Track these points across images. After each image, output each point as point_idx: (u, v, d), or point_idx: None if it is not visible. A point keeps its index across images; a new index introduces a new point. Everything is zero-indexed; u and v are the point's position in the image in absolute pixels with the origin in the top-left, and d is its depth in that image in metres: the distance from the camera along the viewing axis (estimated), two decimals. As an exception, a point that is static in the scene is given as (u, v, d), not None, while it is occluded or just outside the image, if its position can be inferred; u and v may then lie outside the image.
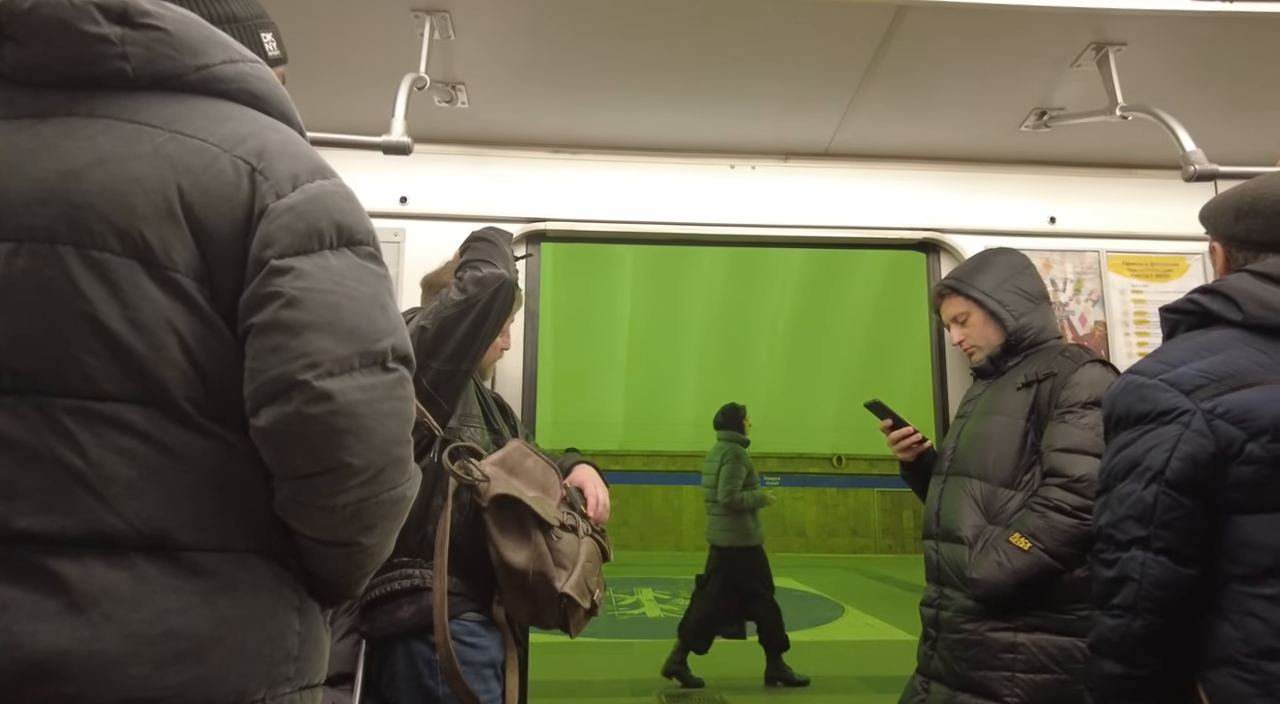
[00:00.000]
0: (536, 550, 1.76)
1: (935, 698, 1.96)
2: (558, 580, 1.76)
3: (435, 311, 1.83)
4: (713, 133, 2.55)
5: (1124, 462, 1.28)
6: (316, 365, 0.89)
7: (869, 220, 2.64)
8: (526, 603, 1.80)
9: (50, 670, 0.81)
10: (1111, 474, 1.30)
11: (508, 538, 1.76)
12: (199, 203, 0.91)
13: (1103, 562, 1.28)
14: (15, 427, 0.86)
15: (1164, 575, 1.21)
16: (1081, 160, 2.69)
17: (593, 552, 1.88)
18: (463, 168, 2.56)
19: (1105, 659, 1.27)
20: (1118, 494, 1.27)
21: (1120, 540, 1.25)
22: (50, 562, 0.84)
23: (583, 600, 1.79)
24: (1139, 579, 1.22)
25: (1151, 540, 1.22)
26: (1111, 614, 1.25)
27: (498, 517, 1.77)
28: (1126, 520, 1.25)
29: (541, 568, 1.76)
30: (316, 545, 0.97)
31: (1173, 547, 1.21)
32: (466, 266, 1.88)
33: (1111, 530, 1.27)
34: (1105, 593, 1.27)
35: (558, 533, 1.81)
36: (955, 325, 2.27)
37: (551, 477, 1.91)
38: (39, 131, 0.93)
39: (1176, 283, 2.64)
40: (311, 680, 0.98)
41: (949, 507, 2.05)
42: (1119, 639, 1.24)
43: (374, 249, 1.00)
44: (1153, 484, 1.22)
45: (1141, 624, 1.22)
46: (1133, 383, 1.31)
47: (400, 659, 1.77)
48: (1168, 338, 1.38)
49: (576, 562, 1.81)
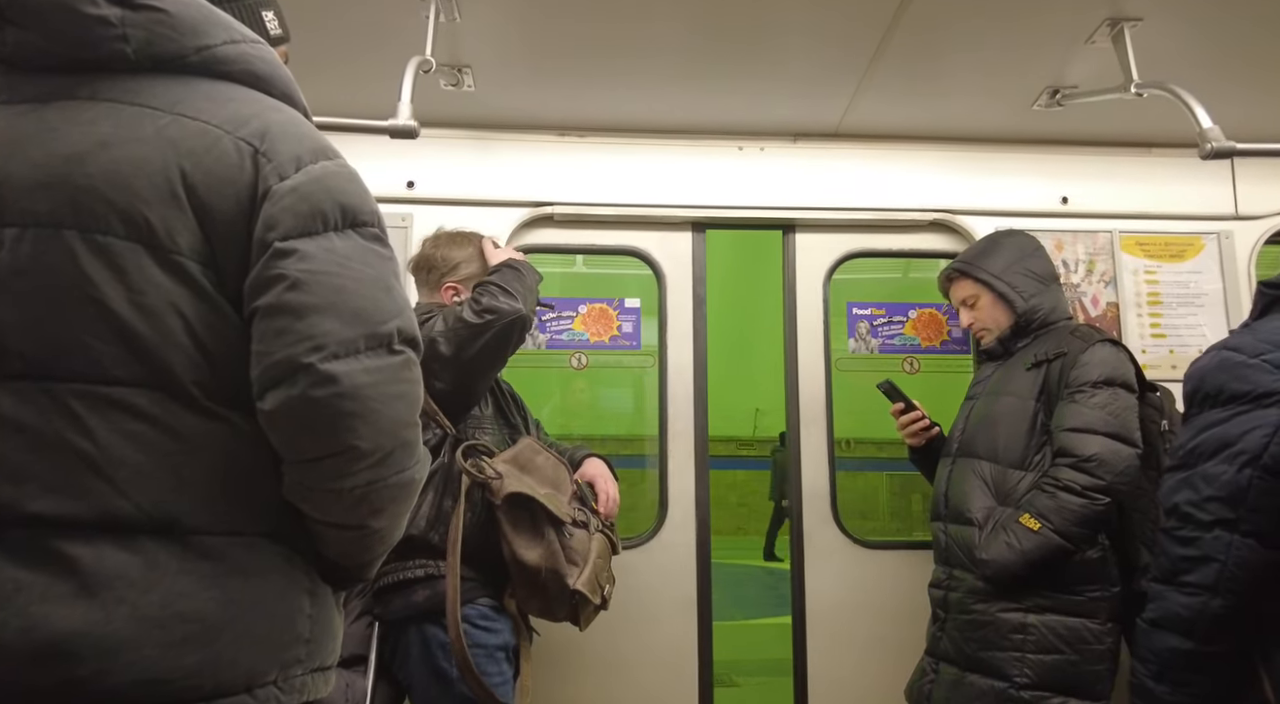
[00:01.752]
0: (549, 547, 1.77)
1: (944, 678, 1.97)
2: (570, 577, 1.78)
3: (450, 334, 1.77)
4: (721, 114, 2.53)
5: (1212, 441, 1.24)
6: (322, 348, 0.88)
7: (879, 202, 2.62)
8: (538, 598, 1.82)
9: (65, 651, 0.81)
10: (1194, 452, 1.26)
11: (521, 535, 1.77)
12: (202, 185, 0.91)
13: (1177, 539, 1.25)
14: (25, 411, 0.86)
15: (1251, 557, 1.19)
16: (1094, 139, 2.65)
17: (603, 548, 1.89)
18: (469, 152, 2.55)
19: (1170, 634, 1.25)
20: (1203, 473, 1.23)
21: (1202, 520, 1.22)
22: (62, 545, 0.84)
23: (593, 596, 1.81)
24: (1224, 560, 1.20)
25: (1240, 523, 1.19)
26: (1185, 591, 1.23)
27: (511, 514, 1.78)
28: (1212, 501, 1.21)
29: (554, 565, 1.77)
30: (327, 528, 0.97)
31: (1262, 530, 1.19)
32: (486, 289, 1.84)
33: (1191, 509, 1.24)
34: (1177, 570, 1.25)
35: (570, 530, 1.82)
36: (964, 308, 2.25)
37: (563, 473, 1.92)
38: (42, 116, 0.92)
39: (1191, 263, 2.61)
40: (323, 663, 0.98)
41: (957, 488, 2.05)
42: (1193, 616, 1.22)
43: (379, 230, 0.99)
44: (1247, 468, 1.19)
45: (1221, 603, 1.20)
46: (1230, 360, 1.26)
47: (414, 641, 1.79)
48: (1260, 315, 1.34)
49: (588, 558, 1.82)
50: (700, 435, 2.53)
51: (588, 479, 2.04)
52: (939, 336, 2.68)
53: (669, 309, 2.59)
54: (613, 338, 2.63)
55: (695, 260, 2.63)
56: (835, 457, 2.53)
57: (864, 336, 2.68)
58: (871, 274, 2.82)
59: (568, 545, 1.81)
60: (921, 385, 2.58)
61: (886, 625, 2.43)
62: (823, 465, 2.51)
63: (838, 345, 2.63)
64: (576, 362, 2.62)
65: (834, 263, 2.65)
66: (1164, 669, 1.26)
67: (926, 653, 2.06)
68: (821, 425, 2.54)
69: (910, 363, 2.66)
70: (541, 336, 2.61)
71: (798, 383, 2.57)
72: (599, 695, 2.35)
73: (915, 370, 2.65)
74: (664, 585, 2.42)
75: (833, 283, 2.66)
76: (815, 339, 2.60)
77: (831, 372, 2.58)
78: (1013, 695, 1.82)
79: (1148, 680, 1.29)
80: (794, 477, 2.53)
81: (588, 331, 2.62)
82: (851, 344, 2.67)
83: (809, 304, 2.62)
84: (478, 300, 1.81)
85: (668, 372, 2.55)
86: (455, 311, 1.81)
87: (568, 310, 2.63)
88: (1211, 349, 1.31)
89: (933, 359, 2.66)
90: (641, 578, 2.41)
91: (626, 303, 2.65)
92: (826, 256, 2.66)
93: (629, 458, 2.69)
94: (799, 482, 2.52)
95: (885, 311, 2.69)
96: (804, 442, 2.53)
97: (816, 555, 2.48)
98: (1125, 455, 1.86)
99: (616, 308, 2.65)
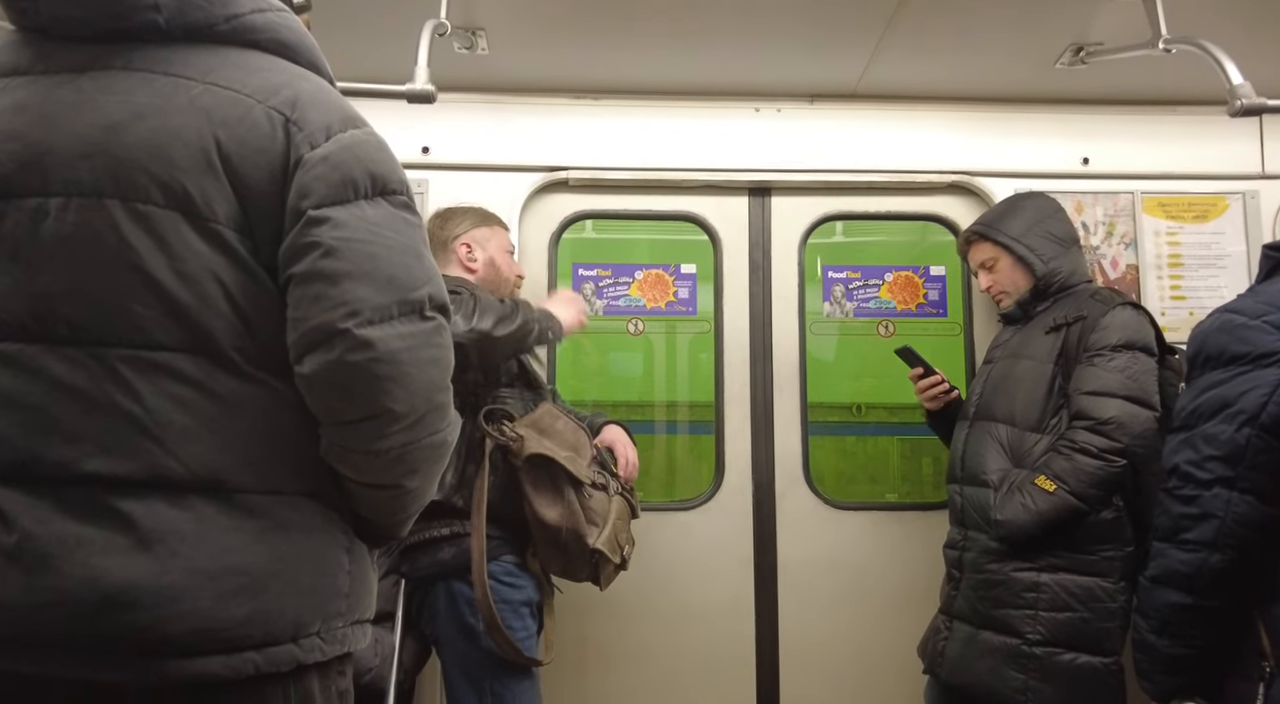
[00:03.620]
0: (569, 507, 1.82)
1: (958, 635, 2.00)
2: (589, 536, 1.82)
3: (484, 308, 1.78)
4: (737, 74, 2.50)
5: (1212, 401, 1.26)
6: (357, 313, 0.91)
7: (897, 164, 2.59)
8: (559, 558, 1.87)
9: (126, 601, 0.86)
10: (1195, 413, 1.28)
11: (542, 495, 1.82)
12: (236, 155, 0.93)
13: (1178, 498, 1.29)
14: (77, 375, 0.90)
15: (1249, 513, 1.22)
16: (1118, 98, 2.60)
17: (622, 509, 1.93)
18: (483, 116, 2.54)
19: (1170, 590, 1.29)
20: (1203, 434, 1.26)
21: (1201, 479, 1.25)
22: (117, 502, 0.89)
23: (613, 556, 1.86)
24: (1223, 517, 1.23)
25: (1238, 480, 1.22)
26: (1186, 548, 1.27)
27: (532, 475, 1.82)
28: (1212, 460, 1.24)
29: (574, 525, 1.81)
30: (363, 488, 1.00)
31: (1260, 487, 1.22)
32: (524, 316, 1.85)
33: (1191, 468, 1.27)
34: (1177, 528, 1.28)
35: (589, 491, 1.86)
36: (983, 271, 2.24)
37: (582, 437, 1.95)
38: (79, 86, 0.95)
39: (1214, 224, 2.57)
40: (362, 616, 1.03)
41: (973, 451, 2.06)
42: (1192, 572, 1.26)
43: (407, 198, 1.01)
44: (1246, 427, 1.22)
45: (1220, 559, 1.24)
46: (1230, 322, 1.28)
47: (441, 598, 1.84)
48: (1265, 278, 1.35)
49: (607, 519, 1.87)
50: (760, 400, 2.55)
51: (607, 444, 2.08)
52: (915, 300, 2.68)
53: (725, 274, 2.60)
54: (669, 304, 2.66)
55: (751, 226, 2.63)
56: (808, 421, 2.57)
57: (839, 300, 2.68)
58: (854, 238, 2.82)
59: (587, 506, 1.85)
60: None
61: (855, 582, 2.50)
62: (795, 428, 2.54)
63: (812, 308, 2.64)
64: (633, 327, 2.65)
65: (810, 226, 2.63)
66: (1164, 623, 1.31)
67: (940, 611, 2.10)
68: (795, 388, 2.56)
69: (885, 326, 2.66)
70: (599, 302, 2.63)
71: (771, 346, 2.59)
72: (664, 643, 2.45)
73: (890, 334, 2.65)
74: (721, 545, 2.50)
75: (808, 246, 2.65)
76: (790, 302, 2.60)
77: (806, 336, 2.59)
78: (1024, 651, 1.86)
79: (1148, 635, 1.34)
80: (766, 439, 2.56)
81: (644, 297, 2.65)
82: (826, 307, 2.68)
83: (784, 267, 2.62)
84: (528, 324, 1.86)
85: (723, 337, 2.57)
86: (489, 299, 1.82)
87: (624, 276, 2.65)
88: (1215, 312, 1.33)
89: (908, 322, 2.66)
90: (700, 537, 2.50)
91: (683, 268, 2.67)
92: (808, 221, 2.64)
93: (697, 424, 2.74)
94: (771, 444, 2.55)
95: (861, 274, 2.69)
96: (777, 405, 2.56)
97: (788, 517, 2.52)
98: (1143, 419, 1.87)
99: (673, 274, 2.67)
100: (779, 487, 2.54)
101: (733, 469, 2.54)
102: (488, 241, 2.10)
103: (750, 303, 2.61)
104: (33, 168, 0.92)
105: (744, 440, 2.55)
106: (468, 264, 2.06)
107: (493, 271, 2.07)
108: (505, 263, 2.11)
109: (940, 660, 2.03)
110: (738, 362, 2.58)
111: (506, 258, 2.12)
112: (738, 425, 2.55)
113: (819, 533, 2.53)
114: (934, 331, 2.68)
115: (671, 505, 2.54)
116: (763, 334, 2.60)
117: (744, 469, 2.54)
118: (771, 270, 2.63)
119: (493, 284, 2.04)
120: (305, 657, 0.93)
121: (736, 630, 2.48)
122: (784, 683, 2.47)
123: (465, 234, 2.08)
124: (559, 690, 2.26)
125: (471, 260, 2.07)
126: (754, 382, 2.58)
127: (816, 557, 2.51)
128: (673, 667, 2.45)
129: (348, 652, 1.01)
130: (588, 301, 2.63)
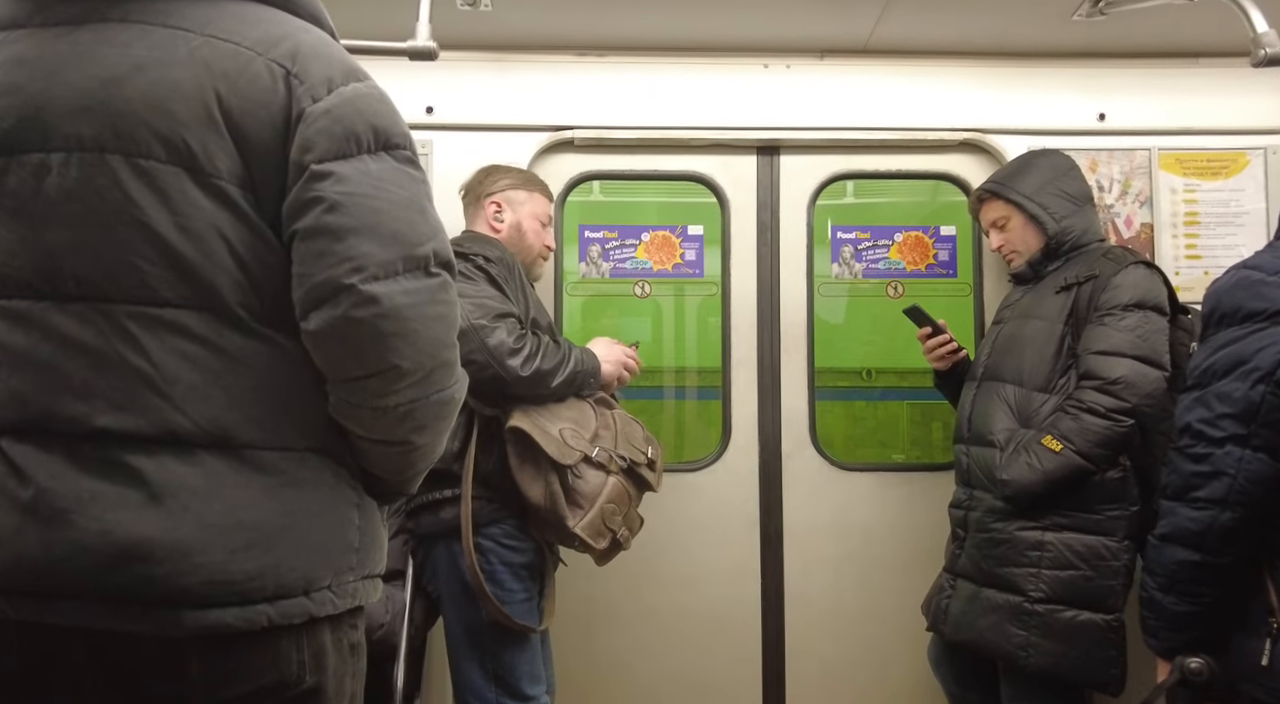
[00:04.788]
0: (548, 488, 1.80)
1: (961, 593, 2.02)
2: (569, 519, 1.80)
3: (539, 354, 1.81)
4: (745, 29, 2.45)
5: (1227, 359, 1.25)
6: (362, 269, 0.91)
7: (908, 121, 2.54)
8: (548, 531, 1.87)
9: (140, 555, 0.88)
10: (1209, 371, 1.27)
11: (525, 471, 1.81)
12: (237, 108, 0.92)
13: (1189, 456, 1.28)
14: (86, 332, 0.91)
15: (1261, 471, 1.21)
16: (1136, 50, 2.53)
17: (619, 492, 1.87)
18: (487, 74, 2.50)
19: (1179, 548, 1.29)
20: (1216, 391, 1.25)
21: (1213, 437, 1.25)
22: (129, 457, 0.90)
23: (595, 541, 1.83)
24: (1234, 474, 1.22)
25: (1251, 438, 1.22)
26: (1195, 506, 1.26)
27: (518, 449, 1.81)
28: (1225, 418, 1.23)
29: (552, 506, 1.79)
30: (371, 445, 1.01)
31: (1272, 445, 1.21)
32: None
33: (1203, 426, 1.26)
34: (1187, 486, 1.28)
35: (578, 470, 1.82)
36: (995, 230, 2.21)
37: (585, 410, 1.92)
38: (76, 38, 0.94)
39: (1233, 181, 2.52)
40: (372, 571, 1.04)
41: (981, 411, 2.05)
42: (1202, 530, 1.26)
43: (410, 153, 1.00)
44: (1260, 385, 1.20)
45: (1230, 516, 1.24)
46: (1247, 279, 1.26)
47: (442, 556, 1.87)
48: None
49: (595, 501, 1.83)
50: (768, 361, 2.54)
51: (606, 381, 2.00)
52: (925, 260, 2.65)
53: (732, 236, 2.57)
54: (676, 266, 2.64)
55: (760, 186, 2.59)
56: (815, 385, 2.56)
57: (848, 261, 2.65)
58: (864, 198, 2.77)
59: (571, 488, 1.82)
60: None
61: (862, 543, 2.51)
62: (803, 390, 2.54)
63: (820, 270, 2.61)
64: (640, 290, 2.64)
65: (819, 185, 2.59)
66: (1172, 581, 1.32)
67: (945, 570, 2.11)
68: (803, 350, 2.55)
69: (895, 287, 2.63)
70: (605, 265, 2.61)
71: (779, 307, 2.56)
72: (670, 603, 2.47)
73: (899, 295, 2.62)
74: (728, 507, 2.51)
75: (817, 207, 2.62)
76: (798, 263, 2.57)
77: (814, 297, 2.57)
78: (1026, 608, 1.87)
79: (1156, 593, 1.34)
80: (773, 401, 2.55)
81: (651, 260, 2.63)
82: (835, 269, 2.65)
83: (793, 228, 2.58)
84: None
85: (730, 299, 2.56)
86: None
87: (631, 238, 2.63)
88: (1231, 269, 1.31)
89: (918, 283, 2.63)
90: (707, 498, 2.51)
91: (690, 230, 2.65)
92: (817, 180, 2.59)
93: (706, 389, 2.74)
94: (778, 406, 2.54)
95: (870, 235, 2.65)
96: (784, 366, 2.55)
97: (794, 478, 2.53)
98: (1152, 378, 1.85)
99: (680, 235, 2.64)
100: (786, 448, 2.54)
101: (740, 431, 2.54)
102: (520, 205, 2.07)
103: (758, 264, 2.59)
104: (33, 123, 0.92)
105: (751, 403, 2.55)
106: (494, 223, 2.05)
107: (517, 235, 2.05)
108: (533, 230, 2.08)
109: (943, 618, 2.05)
110: (745, 324, 2.57)
111: (536, 226, 2.09)
112: (744, 388, 2.55)
113: (825, 494, 2.53)
114: (944, 292, 2.65)
115: (678, 467, 2.55)
116: (770, 295, 2.58)
117: (750, 431, 2.54)
118: (780, 231, 2.59)
119: (515, 248, 2.01)
120: (317, 610, 0.95)
121: (742, 591, 2.50)
122: (789, 643, 2.50)
123: (499, 193, 2.06)
124: (565, 651, 2.29)
125: (498, 220, 2.05)
126: (761, 343, 2.56)
127: (823, 518, 2.52)
128: (679, 627, 2.48)
129: (359, 605, 1.02)
130: (594, 264, 2.62)
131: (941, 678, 2.19)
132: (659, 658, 2.47)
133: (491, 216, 2.05)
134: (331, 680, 0.98)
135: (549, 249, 2.16)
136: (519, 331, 1.80)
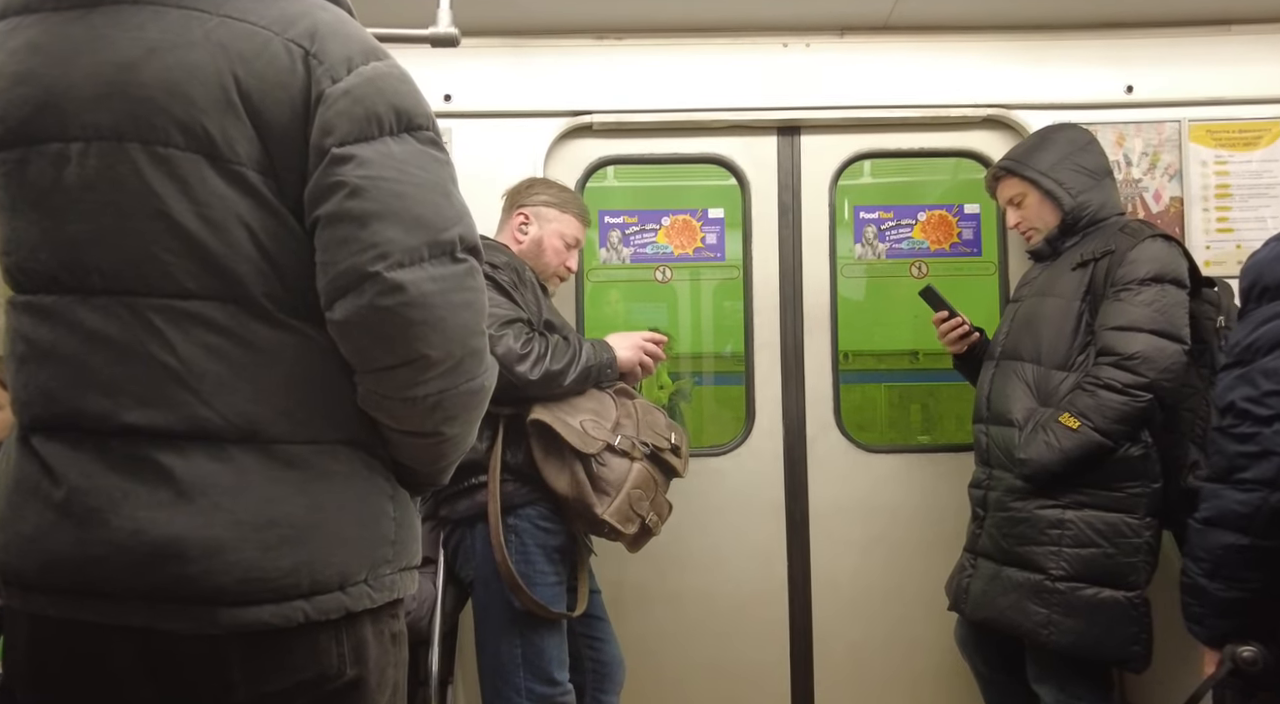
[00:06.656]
0: (574, 477, 1.81)
1: (982, 573, 2.01)
2: (597, 507, 1.81)
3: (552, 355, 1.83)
4: (764, 9, 2.42)
5: (1272, 334, 1.21)
6: (386, 256, 0.88)
7: (931, 98, 2.51)
8: (579, 520, 1.88)
9: (174, 553, 0.87)
10: (1252, 347, 1.23)
11: (550, 463, 1.83)
12: (256, 91, 0.89)
13: (1234, 436, 1.24)
14: (111, 326, 0.89)
15: None
16: (1166, 19, 2.47)
17: (644, 478, 1.88)
18: (505, 60, 2.49)
19: (1225, 532, 1.25)
20: (1261, 368, 1.21)
21: (1261, 415, 1.21)
22: (157, 454, 0.89)
23: (624, 527, 1.84)
24: None
25: None
26: (1243, 488, 1.22)
27: (541, 442, 1.83)
28: (1272, 395, 1.19)
29: (580, 494, 1.81)
30: (402, 436, 0.99)
31: None
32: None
33: (1249, 405, 1.22)
34: (1234, 468, 1.24)
35: (601, 458, 1.84)
36: (1012, 208, 2.18)
37: (605, 400, 1.93)
38: (90, 22, 0.91)
39: (1265, 151, 2.46)
40: (409, 563, 1.02)
41: (999, 391, 2.04)
42: (1250, 512, 1.21)
43: (434, 134, 0.97)
44: None
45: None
46: None
47: (479, 537, 1.88)
48: None
49: (621, 488, 1.84)
50: (790, 344, 2.54)
51: (627, 369, 2.01)
52: (949, 239, 2.61)
53: (753, 219, 2.56)
54: (697, 250, 2.63)
55: (780, 168, 2.57)
56: (839, 368, 2.55)
57: (870, 241, 2.62)
58: (886, 178, 2.74)
59: (596, 475, 1.83)
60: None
61: (887, 525, 2.51)
62: (826, 373, 2.52)
63: (843, 251, 2.59)
64: (661, 275, 2.64)
65: (841, 165, 2.56)
66: (1218, 566, 1.27)
67: (965, 549, 2.10)
68: (826, 332, 2.53)
69: (918, 267, 2.60)
70: (626, 250, 2.61)
71: (802, 289, 2.55)
72: (698, 586, 2.49)
73: (923, 275, 2.60)
74: (753, 490, 2.52)
75: (839, 188, 2.59)
76: (820, 244, 2.55)
77: (837, 278, 2.55)
78: (1047, 586, 1.86)
79: (1200, 578, 1.30)
80: (797, 384, 2.55)
81: (671, 244, 2.62)
82: (858, 249, 2.62)
83: (814, 208, 2.56)
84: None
85: (753, 282, 2.55)
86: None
87: (651, 223, 2.63)
88: (1271, 241, 1.26)
89: (942, 262, 2.60)
90: (732, 482, 2.53)
91: (710, 214, 2.63)
92: (839, 160, 2.56)
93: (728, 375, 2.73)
94: (802, 389, 2.54)
95: (893, 214, 2.62)
96: (808, 348, 2.54)
97: (819, 461, 2.52)
98: (1170, 352, 1.82)
99: (700, 219, 2.63)
100: (810, 431, 2.53)
101: (763, 414, 2.54)
102: (549, 222, 2.07)
103: (780, 246, 2.57)
104: (50, 111, 0.90)
105: (774, 386, 2.54)
106: (517, 234, 2.06)
107: (536, 251, 2.06)
108: (554, 249, 2.07)
109: (964, 597, 2.04)
110: (767, 307, 2.56)
111: (559, 245, 2.08)
112: (768, 371, 2.54)
113: (850, 476, 2.53)
114: (968, 272, 2.62)
115: (703, 451, 2.55)
116: (793, 277, 2.56)
117: (774, 414, 2.54)
118: (801, 212, 2.57)
119: (531, 263, 2.03)
120: (354, 605, 0.93)
121: (769, 573, 2.51)
122: (817, 625, 2.51)
123: (531, 206, 2.07)
124: (595, 634, 2.30)
125: (522, 232, 2.06)
126: (784, 326, 2.55)
127: (848, 500, 2.52)
128: (707, 609, 2.49)
129: (398, 598, 1.00)
130: (614, 250, 2.61)
131: (969, 658, 2.18)
132: (686, 642, 2.49)
133: (517, 227, 2.06)
134: (373, 672, 0.96)
135: (569, 271, 2.14)
136: (525, 335, 1.81)
